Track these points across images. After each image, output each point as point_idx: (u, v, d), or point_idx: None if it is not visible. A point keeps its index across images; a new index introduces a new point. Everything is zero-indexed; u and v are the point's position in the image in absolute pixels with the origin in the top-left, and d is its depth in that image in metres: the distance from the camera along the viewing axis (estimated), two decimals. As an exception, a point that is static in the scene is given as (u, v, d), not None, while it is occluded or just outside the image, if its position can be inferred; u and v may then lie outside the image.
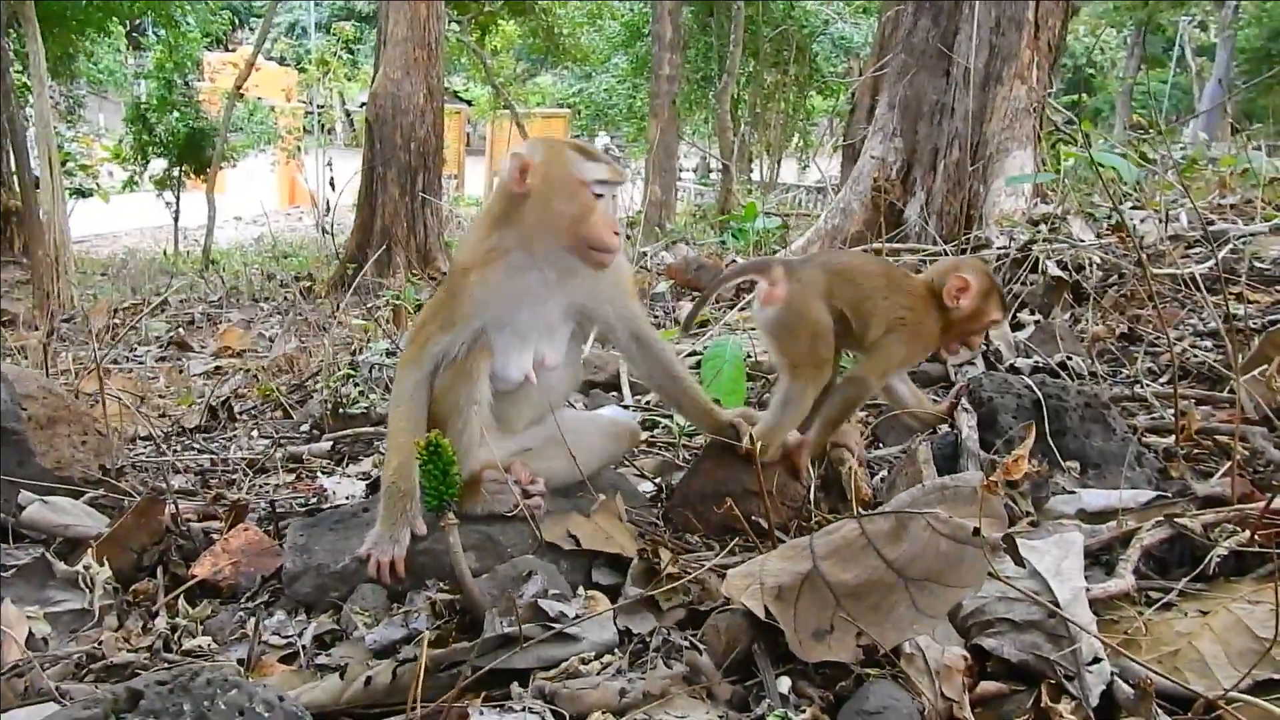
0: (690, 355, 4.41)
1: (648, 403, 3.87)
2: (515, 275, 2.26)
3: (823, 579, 1.90)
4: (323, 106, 23.32)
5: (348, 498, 2.97)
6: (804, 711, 1.73)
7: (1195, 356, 3.45)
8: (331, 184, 9.53)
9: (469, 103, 27.91)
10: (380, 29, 11.49)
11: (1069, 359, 3.28)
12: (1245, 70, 26.85)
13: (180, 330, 8.25)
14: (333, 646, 2.08)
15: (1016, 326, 3.87)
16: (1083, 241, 4.56)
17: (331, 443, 3.76)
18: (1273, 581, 2.08)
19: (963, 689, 1.79)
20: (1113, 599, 2.04)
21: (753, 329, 4.68)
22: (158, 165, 17.31)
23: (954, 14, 5.86)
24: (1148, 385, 3.16)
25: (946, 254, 5.20)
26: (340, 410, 3.99)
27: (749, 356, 4.09)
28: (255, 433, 4.21)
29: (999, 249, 4.77)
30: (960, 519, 1.87)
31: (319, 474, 3.35)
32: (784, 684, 1.81)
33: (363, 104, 11.72)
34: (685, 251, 6.85)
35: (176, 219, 17.07)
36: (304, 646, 2.06)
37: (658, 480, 2.93)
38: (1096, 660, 1.80)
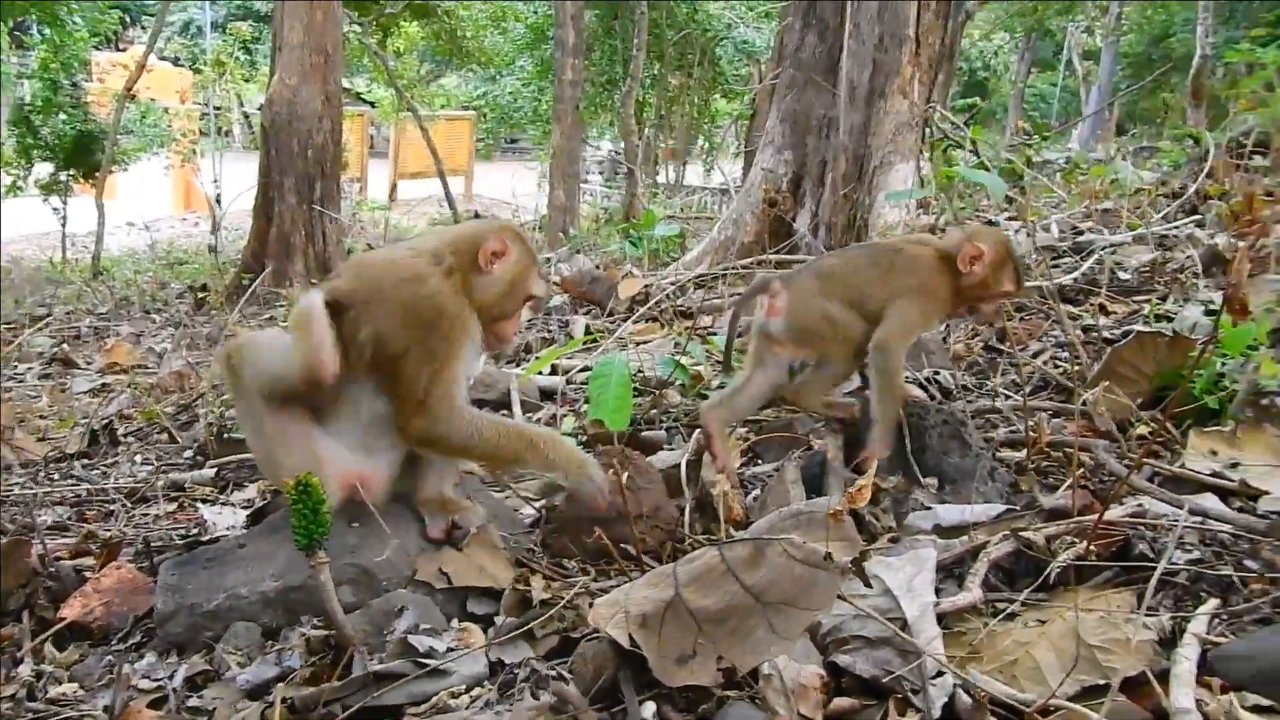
0: (582, 370, 4.47)
1: (537, 419, 3.91)
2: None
3: (685, 606, 1.97)
4: (220, 108, 22.66)
5: (229, 528, 2.94)
6: (666, 736, 1.80)
7: (1056, 368, 3.63)
8: (218, 200, 9.24)
9: (372, 104, 27.46)
10: (275, 33, 11.24)
11: (937, 374, 3.42)
12: (1128, 75, 28.02)
13: (65, 345, 7.97)
14: (204, 688, 2.08)
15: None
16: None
17: (216, 469, 3.71)
18: (1106, 590, 2.23)
19: (817, 706, 1.88)
20: (961, 611, 2.16)
21: (641, 343, 4.76)
22: (43, 169, 16.65)
23: (839, 30, 6.03)
24: (1008, 398, 3.32)
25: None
26: (226, 434, 3.93)
27: (638, 372, 4.16)
28: (138, 458, 4.13)
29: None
30: (813, 544, 1.96)
31: (200, 504, 3.31)
32: (649, 709, 1.88)
33: (261, 106, 11.44)
34: (581, 264, 6.89)
35: (64, 225, 16.44)
36: (174, 690, 2.06)
37: (542, 503, 2.97)
38: (940, 674, 1.91)
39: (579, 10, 14.64)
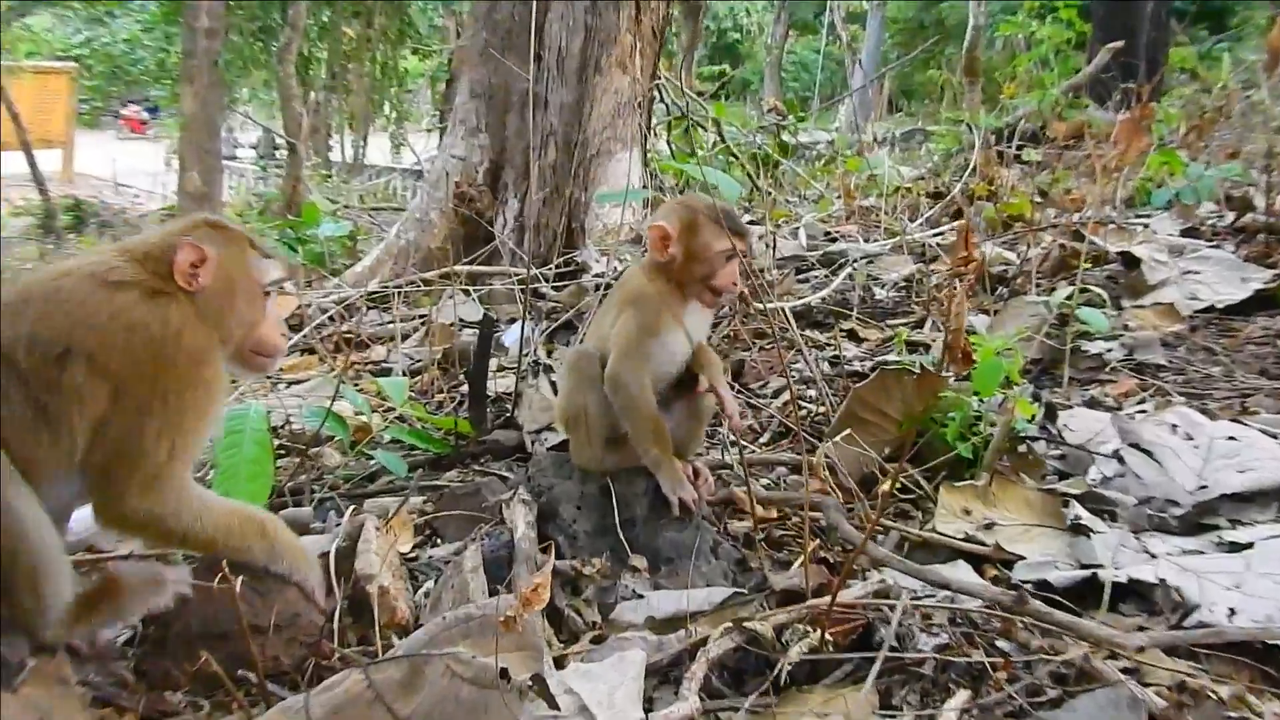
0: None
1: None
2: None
3: (321, 750, 1.94)
4: None
5: None
6: None
7: (800, 409, 3.84)
8: None
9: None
10: None
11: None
12: (898, 44, 30.38)
13: None
14: None
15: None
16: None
17: None
18: (845, 688, 2.38)
19: None
20: (677, 725, 2.23)
21: (294, 383, 4.64)
22: None
23: (545, -14, 6.12)
24: (742, 449, 3.47)
25: (540, 278, 5.44)
26: None
27: (284, 424, 4.05)
28: None
29: (596, 275, 5.05)
30: (485, 658, 1.98)
31: None
32: None
33: None
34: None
35: None
36: None
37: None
38: (645, 810, 1.97)
39: (217, -64, 14.11)
